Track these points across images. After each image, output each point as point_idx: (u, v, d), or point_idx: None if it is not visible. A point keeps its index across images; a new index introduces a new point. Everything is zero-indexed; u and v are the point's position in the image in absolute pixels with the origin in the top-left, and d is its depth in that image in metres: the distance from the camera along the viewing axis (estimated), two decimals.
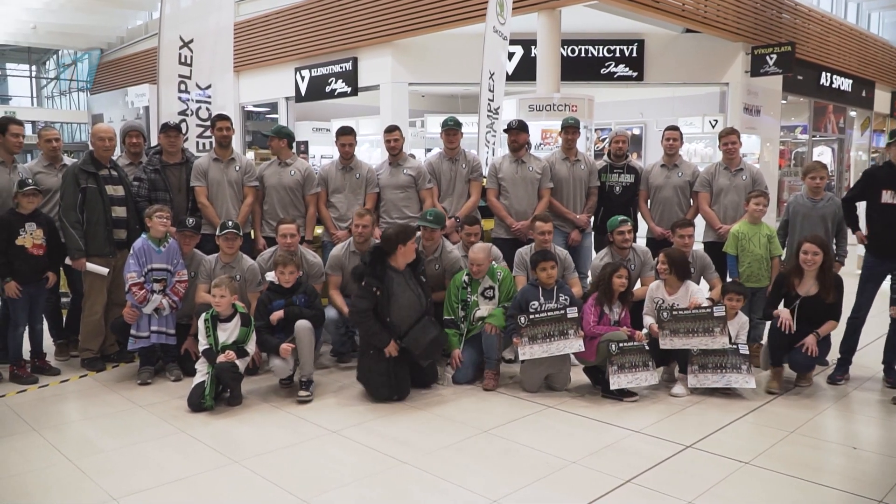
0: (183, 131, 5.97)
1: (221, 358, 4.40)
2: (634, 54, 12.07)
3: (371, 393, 4.56)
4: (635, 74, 12.12)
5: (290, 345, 4.52)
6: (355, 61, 12.97)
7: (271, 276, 4.84)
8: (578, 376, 4.84)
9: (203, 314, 4.58)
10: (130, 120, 14.41)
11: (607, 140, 6.48)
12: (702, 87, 12.86)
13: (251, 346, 4.62)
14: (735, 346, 4.64)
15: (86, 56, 23.25)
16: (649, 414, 4.33)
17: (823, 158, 16.05)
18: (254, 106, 16.45)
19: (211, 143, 6.14)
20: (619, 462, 3.60)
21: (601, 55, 12.12)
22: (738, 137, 5.75)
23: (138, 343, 4.86)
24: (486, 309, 4.92)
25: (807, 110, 15.53)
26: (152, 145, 6.00)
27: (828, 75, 14.99)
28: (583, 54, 12.12)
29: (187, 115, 6.63)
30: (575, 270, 5.39)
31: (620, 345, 4.53)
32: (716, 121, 12.52)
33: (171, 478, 3.42)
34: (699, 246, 5.49)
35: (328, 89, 13.49)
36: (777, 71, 11.85)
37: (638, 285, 5.27)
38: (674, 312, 4.64)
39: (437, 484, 3.38)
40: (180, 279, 4.97)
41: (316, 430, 4.05)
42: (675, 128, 6.04)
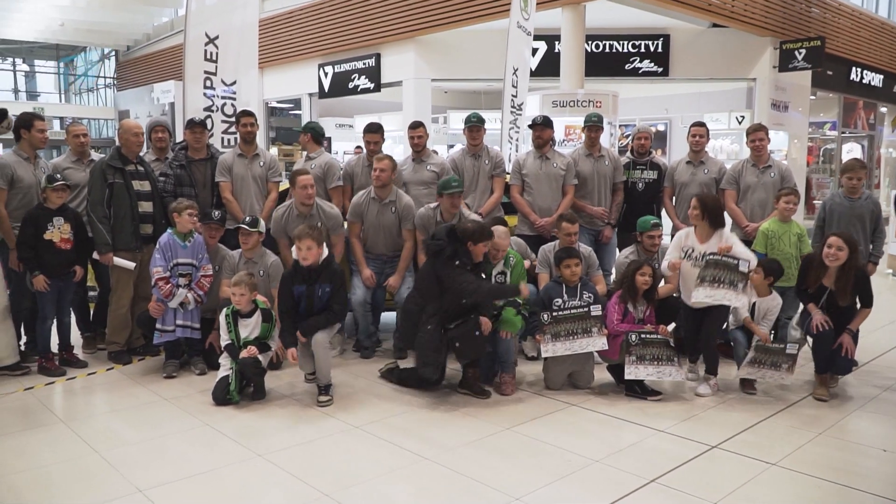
0: (208, 127, 6.02)
1: (244, 354, 4.43)
2: (660, 49, 11.91)
3: (421, 365, 4.48)
4: (660, 70, 11.96)
5: (295, 350, 4.48)
6: (378, 57, 12.97)
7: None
8: (602, 374, 4.81)
9: (224, 309, 4.62)
10: (156, 116, 14.61)
11: (630, 136, 6.41)
12: (728, 83, 12.65)
13: (274, 342, 4.65)
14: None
15: (112, 53, 23.61)
16: (674, 413, 4.28)
17: (853, 155, 15.77)
18: (277, 102, 16.54)
19: (236, 139, 6.19)
20: (643, 461, 3.57)
21: (626, 50, 11.97)
22: (767, 134, 5.67)
23: (164, 337, 4.91)
24: None
25: (836, 106, 15.25)
26: (177, 141, 6.06)
27: (858, 70, 14.71)
28: (607, 49, 11.98)
29: (212, 111, 6.70)
30: (599, 268, 5.34)
31: (642, 336, 4.48)
32: (742, 117, 12.32)
33: (196, 470, 3.46)
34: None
35: (351, 85, 13.51)
36: (806, 66, 11.62)
37: (662, 283, 5.21)
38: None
39: (459, 480, 3.37)
40: (205, 274, 5.01)
41: (339, 426, 4.07)
42: (702, 124, 5.98)
